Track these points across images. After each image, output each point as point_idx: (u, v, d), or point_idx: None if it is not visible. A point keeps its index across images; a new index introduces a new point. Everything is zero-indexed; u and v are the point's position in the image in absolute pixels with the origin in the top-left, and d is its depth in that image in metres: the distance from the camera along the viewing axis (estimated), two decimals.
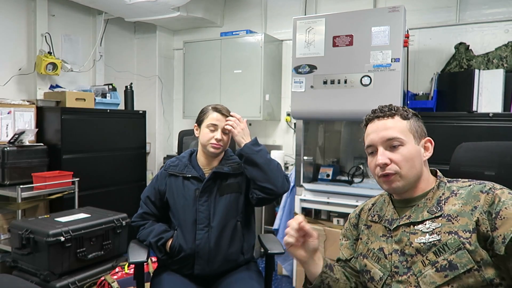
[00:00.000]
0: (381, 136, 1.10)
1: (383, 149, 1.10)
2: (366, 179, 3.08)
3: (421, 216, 1.07)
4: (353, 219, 1.30)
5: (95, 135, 3.52)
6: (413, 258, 1.05)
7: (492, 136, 2.41)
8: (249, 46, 3.75)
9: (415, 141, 1.11)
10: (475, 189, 1.05)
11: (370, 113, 1.17)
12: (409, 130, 1.11)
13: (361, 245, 1.21)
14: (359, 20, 2.66)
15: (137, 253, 1.71)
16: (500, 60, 2.86)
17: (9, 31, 3.44)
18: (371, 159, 1.14)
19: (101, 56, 4.19)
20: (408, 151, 1.08)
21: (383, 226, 1.15)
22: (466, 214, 1.01)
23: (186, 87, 4.14)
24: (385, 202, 1.20)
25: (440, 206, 1.06)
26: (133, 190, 3.72)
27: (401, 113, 1.12)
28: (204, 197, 1.74)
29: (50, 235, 2.27)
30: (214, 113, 1.79)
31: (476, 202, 1.02)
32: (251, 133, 1.84)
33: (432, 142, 1.15)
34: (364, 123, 1.18)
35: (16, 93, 3.49)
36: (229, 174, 1.79)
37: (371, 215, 1.22)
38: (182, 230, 1.74)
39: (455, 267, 0.98)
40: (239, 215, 1.79)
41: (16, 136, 3.08)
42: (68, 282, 2.30)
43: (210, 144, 1.76)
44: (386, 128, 1.10)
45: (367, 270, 1.16)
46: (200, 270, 1.71)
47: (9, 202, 2.93)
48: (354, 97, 2.68)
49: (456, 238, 0.99)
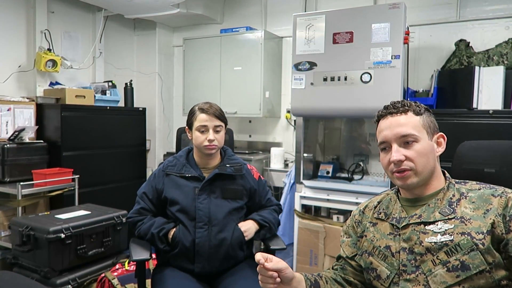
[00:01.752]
0: (395, 133, 1.09)
1: (397, 146, 1.09)
2: (366, 176, 3.09)
3: (433, 216, 1.06)
4: (356, 216, 1.28)
5: (95, 132, 3.52)
6: (423, 257, 1.04)
7: (492, 133, 2.41)
8: (249, 43, 3.74)
9: (428, 136, 1.10)
10: (486, 193, 1.05)
11: (383, 109, 1.16)
12: (422, 126, 1.10)
13: (366, 242, 1.20)
14: (359, 17, 2.65)
15: (140, 251, 1.69)
16: (500, 57, 2.85)
17: (8, 28, 3.43)
18: (384, 155, 1.13)
19: (101, 53, 4.18)
20: (422, 147, 1.08)
21: (390, 224, 1.15)
22: (479, 217, 1.02)
23: (186, 84, 4.13)
24: (391, 200, 1.20)
25: (452, 208, 1.06)
26: (133, 187, 3.67)
27: (414, 108, 1.12)
28: (203, 195, 1.74)
29: (51, 232, 2.27)
30: (202, 115, 1.75)
31: (488, 205, 1.02)
32: (251, 130, 1.84)
33: (445, 137, 1.15)
34: (376, 119, 1.17)
35: (16, 90, 3.48)
36: (231, 175, 1.79)
37: (377, 213, 1.21)
38: (182, 227, 1.73)
39: (468, 267, 0.98)
40: (239, 220, 1.81)
41: (16, 133, 3.08)
42: (68, 279, 2.31)
43: (204, 146, 1.74)
44: (400, 124, 1.10)
45: (372, 268, 1.15)
46: (200, 268, 1.71)
47: (9, 199, 2.93)
48: (354, 94, 2.68)
49: (469, 239, 0.99)
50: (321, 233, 2.85)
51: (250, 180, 1.85)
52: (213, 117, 1.75)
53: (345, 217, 2.91)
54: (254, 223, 1.82)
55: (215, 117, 1.75)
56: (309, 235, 2.91)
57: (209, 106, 1.77)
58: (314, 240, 2.88)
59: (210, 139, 1.73)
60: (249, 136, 4.14)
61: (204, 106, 1.77)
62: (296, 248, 2.98)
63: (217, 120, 1.76)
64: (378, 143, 1.15)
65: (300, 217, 2.97)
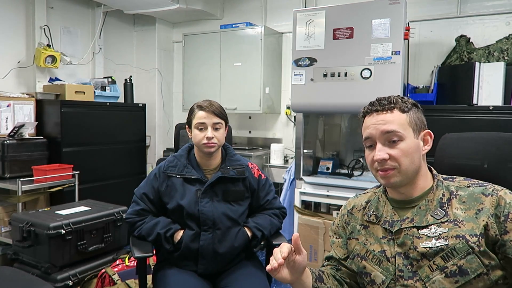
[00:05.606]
0: (379, 130, 1.06)
1: (381, 145, 1.06)
2: (365, 172, 3.09)
3: (425, 220, 1.04)
4: (345, 217, 1.25)
5: (95, 128, 3.52)
6: (419, 263, 1.02)
7: (492, 129, 2.41)
8: (249, 39, 3.73)
9: (414, 134, 1.07)
10: (476, 192, 1.03)
11: (368, 105, 1.12)
12: (409, 124, 1.06)
13: (358, 245, 1.17)
14: (360, 12, 2.64)
15: (142, 247, 1.67)
16: (501, 53, 2.85)
17: (7, 23, 3.42)
18: (369, 152, 1.10)
19: (100, 49, 4.17)
20: (407, 145, 1.05)
21: (382, 228, 1.12)
22: (471, 219, 1.00)
23: (185, 80, 4.13)
24: (380, 201, 1.17)
25: (444, 210, 1.03)
26: (133, 183, 3.66)
27: (400, 105, 1.08)
28: (206, 198, 1.70)
29: (51, 228, 2.28)
30: (200, 112, 1.71)
31: (479, 205, 1.00)
32: (251, 126, 1.82)
33: (432, 135, 1.12)
34: (361, 115, 1.14)
35: (15, 86, 3.48)
36: (234, 178, 1.75)
37: (367, 215, 1.17)
38: (186, 230, 1.71)
39: (466, 272, 0.96)
40: (243, 222, 1.78)
41: (16, 129, 3.08)
42: (69, 275, 2.31)
43: (203, 144, 1.69)
44: (385, 122, 1.07)
45: (366, 272, 1.13)
46: (203, 270, 1.70)
47: (10, 195, 2.94)
48: (354, 90, 2.67)
49: (464, 242, 0.97)
50: (321, 229, 2.86)
51: (252, 180, 1.81)
52: (212, 114, 1.71)
53: None
54: (248, 230, 1.77)
55: (214, 115, 1.71)
56: (309, 231, 2.91)
57: (208, 104, 1.73)
58: (314, 236, 2.89)
59: (208, 136, 1.68)
60: (249, 132, 4.14)
61: (203, 104, 1.73)
62: None
63: (216, 117, 1.71)
64: (363, 140, 1.12)
65: (300, 213, 2.98)
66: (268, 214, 1.84)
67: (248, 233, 1.76)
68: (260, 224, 1.78)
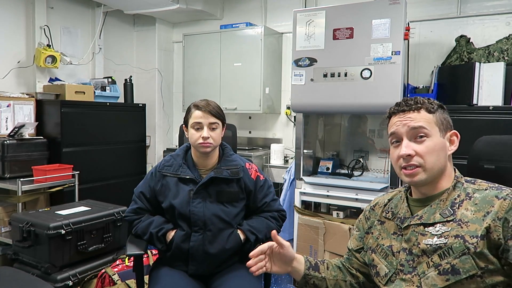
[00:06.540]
0: (406, 125, 1.07)
1: (408, 141, 1.07)
2: (365, 172, 3.09)
3: (433, 218, 1.05)
4: (367, 212, 1.29)
5: (95, 128, 3.52)
6: (419, 259, 1.04)
7: (492, 129, 2.40)
8: (249, 39, 3.73)
9: (441, 133, 1.07)
10: (491, 195, 1.01)
11: (395, 106, 1.12)
12: (435, 123, 1.07)
13: (371, 239, 1.21)
14: (360, 12, 2.64)
15: (135, 245, 1.70)
16: (501, 53, 2.85)
17: (7, 23, 3.42)
18: (394, 150, 1.10)
19: (100, 49, 4.17)
20: (433, 143, 1.05)
21: (395, 224, 1.14)
22: (478, 220, 0.99)
23: (185, 80, 4.13)
24: (401, 199, 1.18)
25: (453, 209, 1.03)
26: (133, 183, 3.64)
27: (427, 106, 1.08)
28: (198, 199, 1.69)
29: (51, 228, 2.28)
30: (196, 111, 1.70)
31: (489, 207, 0.99)
32: (251, 126, 1.82)
33: (458, 136, 1.12)
34: (387, 115, 1.15)
35: (15, 86, 3.48)
36: (228, 179, 1.72)
37: (385, 211, 1.21)
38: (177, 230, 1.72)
39: (457, 272, 0.97)
40: (237, 223, 1.77)
41: (16, 129, 3.08)
42: (69, 275, 2.31)
43: (199, 144, 1.68)
44: (412, 119, 1.07)
45: (374, 265, 1.18)
46: (194, 271, 1.69)
47: (10, 195, 2.94)
48: (354, 90, 2.67)
49: (461, 242, 0.98)
50: (321, 229, 2.86)
51: (247, 181, 1.77)
52: (208, 114, 1.69)
53: (344, 213, 2.91)
54: (241, 233, 1.75)
55: (210, 114, 1.69)
56: (309, 231, 2.91)
57: (205, 103, 1.72)
58: (314, 236, 2.89)
59: (204, 136, 1.67)
60: (249, 132, 4.14)
61: (200, 103, 1.72)
62: (296, 244, 2.99)
63: (212, 117, 1.70)
64: (388, 136, 1.13)
65: (300, 213, 2.98)
66: (265, 217, 1.81)
67: (241, 236, 1.74)
68: (254, 227, 1.75)
